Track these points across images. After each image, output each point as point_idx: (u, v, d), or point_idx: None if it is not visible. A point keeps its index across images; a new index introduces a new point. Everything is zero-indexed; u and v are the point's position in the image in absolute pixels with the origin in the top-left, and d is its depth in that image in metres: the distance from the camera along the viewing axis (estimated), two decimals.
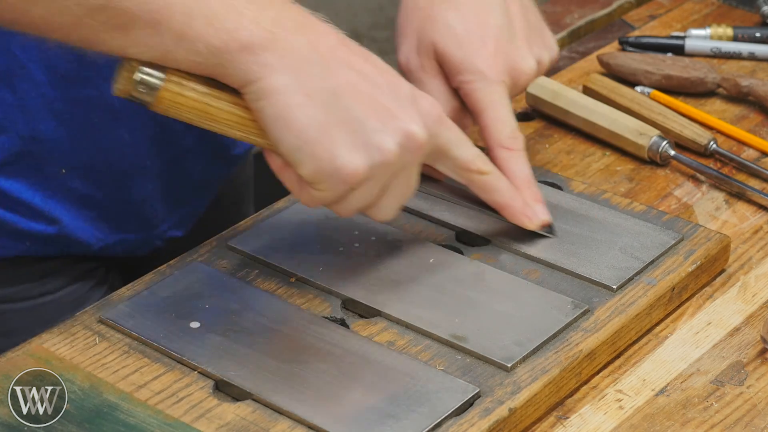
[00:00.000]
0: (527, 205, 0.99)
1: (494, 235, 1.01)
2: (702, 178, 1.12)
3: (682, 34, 1.31)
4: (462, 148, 0.94)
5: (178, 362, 0.89)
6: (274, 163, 0.90)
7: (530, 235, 1.00)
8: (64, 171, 1.06)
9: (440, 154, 0.94)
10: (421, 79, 1.02)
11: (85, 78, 1.04)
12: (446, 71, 1.02)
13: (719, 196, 1.10)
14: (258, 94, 0.86)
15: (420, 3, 1.03)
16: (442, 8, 1.02)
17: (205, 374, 0.88)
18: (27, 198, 1.06)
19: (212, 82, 0.87)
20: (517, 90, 1.04)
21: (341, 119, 0.86)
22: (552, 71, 1.27)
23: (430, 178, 1.02)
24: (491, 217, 1.01)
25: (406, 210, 1.04)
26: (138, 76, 0.86)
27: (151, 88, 0.86)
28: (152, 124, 1.08)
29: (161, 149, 1.10)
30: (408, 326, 0.93)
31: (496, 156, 1.00)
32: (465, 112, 1.03)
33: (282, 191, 1.08)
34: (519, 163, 1.00)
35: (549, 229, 1.01)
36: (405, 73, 1.04)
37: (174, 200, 1.15)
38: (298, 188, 0.90)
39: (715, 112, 1.21)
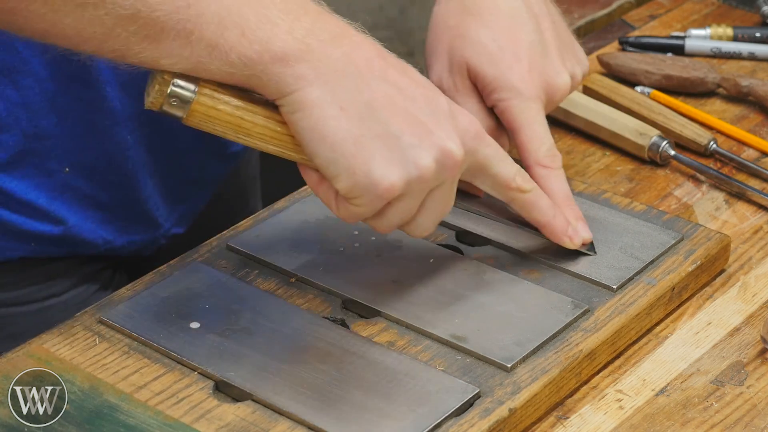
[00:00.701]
0: (569, 224, 0.98)
1: (494, 235, 1.01)
2: (702, 178, 1.12)
3: (682, 34, 1.31)
4: (502, 165, 0.92)
5: (178, 363, 0.89)
6: (310, 179, 0.88)
7: (530, 236, 1.00)
8: (67, 170, 1.06)
9: (479, 170, 0.92)
10: (455, 99, 0.99)
11: (86, 80, 1.04)
12: (480, 90, 1.01)
13: (719, 196, 1.10)
14: (293, 106, 0.84)
15: (450, 22, 1.01)
16: (473, 26, 1.00)
17: (205, 375, 0.88)
18: (32, 198, 1.06)
19: (246, 95, 0.86)
20: (551, 106, 1.02)
21: (377, 133, 0.85)
22: None
23: (468, 194, 1.01)
24: (531, 234, 0.99)
25: None
26: (170, 89, 0.84)
27: (184, 101, 0.84)
28: (148, 122, 1.07)
29: (158, 148, 1.10)
30: (408, 326, 0.93)
31: (535, 174, 0.98)
32: (501, 130, 1.01)
33: (288, 190, 1.08)
34: (558, 181, 0.99)
35: (590, 247, 0.99)
36: None
37: (173, 198, 1.15)
38: (335, 204, 0.88)
39: (715, 112, 1.21)
